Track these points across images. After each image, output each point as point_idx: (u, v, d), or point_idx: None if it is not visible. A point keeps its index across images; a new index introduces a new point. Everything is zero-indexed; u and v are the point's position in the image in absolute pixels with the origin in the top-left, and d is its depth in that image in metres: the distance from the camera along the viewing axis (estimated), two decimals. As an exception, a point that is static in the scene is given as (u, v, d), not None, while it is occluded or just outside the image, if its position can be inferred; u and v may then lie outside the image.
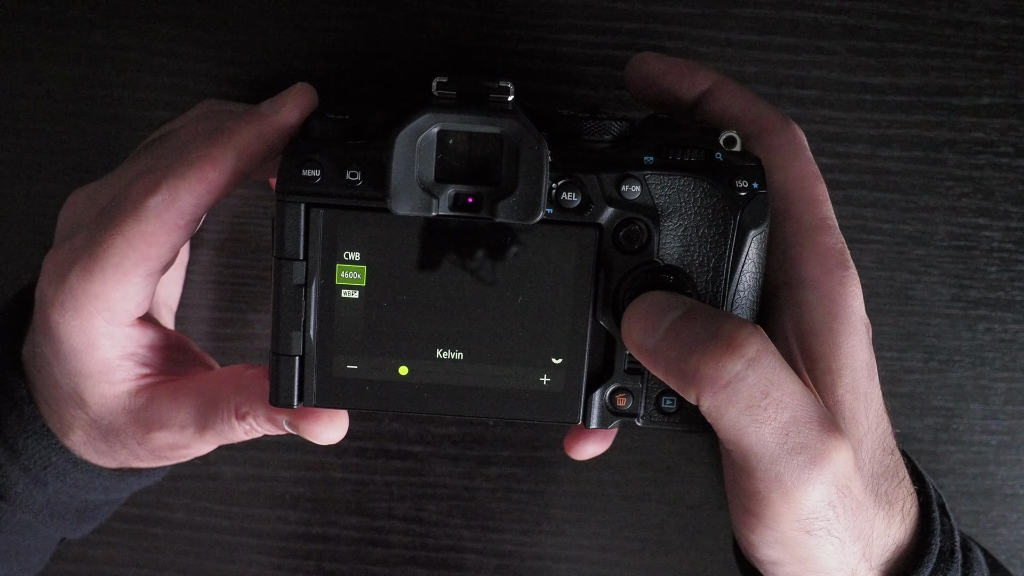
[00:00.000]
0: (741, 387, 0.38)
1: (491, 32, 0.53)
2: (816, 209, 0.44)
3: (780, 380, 0.39)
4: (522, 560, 0.58)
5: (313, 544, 0.58)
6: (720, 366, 0.38)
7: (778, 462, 0.39)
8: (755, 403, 0.39)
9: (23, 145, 0.54)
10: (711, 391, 0.39)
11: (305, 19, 0.53)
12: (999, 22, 0.53)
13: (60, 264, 0.44)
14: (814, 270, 0.43)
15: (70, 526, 0.50)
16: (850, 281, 0.43)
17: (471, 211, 0.40)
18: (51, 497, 0.48)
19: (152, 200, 0.42)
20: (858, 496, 0.41)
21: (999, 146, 0.54)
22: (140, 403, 0.46)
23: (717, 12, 0.53)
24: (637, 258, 0.42)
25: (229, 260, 0.56)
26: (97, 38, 0.53)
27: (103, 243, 0.43)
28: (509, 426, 0.57)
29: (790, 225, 0.44)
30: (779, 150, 0.44)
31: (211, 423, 0.45)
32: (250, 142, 0.42)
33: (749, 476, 0.40)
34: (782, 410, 0.39)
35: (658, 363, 0.40)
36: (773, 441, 0.39)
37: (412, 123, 0.39)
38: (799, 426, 0.39)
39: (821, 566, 0.42)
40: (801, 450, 0.39)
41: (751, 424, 0.39)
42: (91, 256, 0.43)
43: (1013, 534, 0.58)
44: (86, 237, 0.44)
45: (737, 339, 0.39)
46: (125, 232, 0.42)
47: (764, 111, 0.45)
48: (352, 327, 0.42)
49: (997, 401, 0.57)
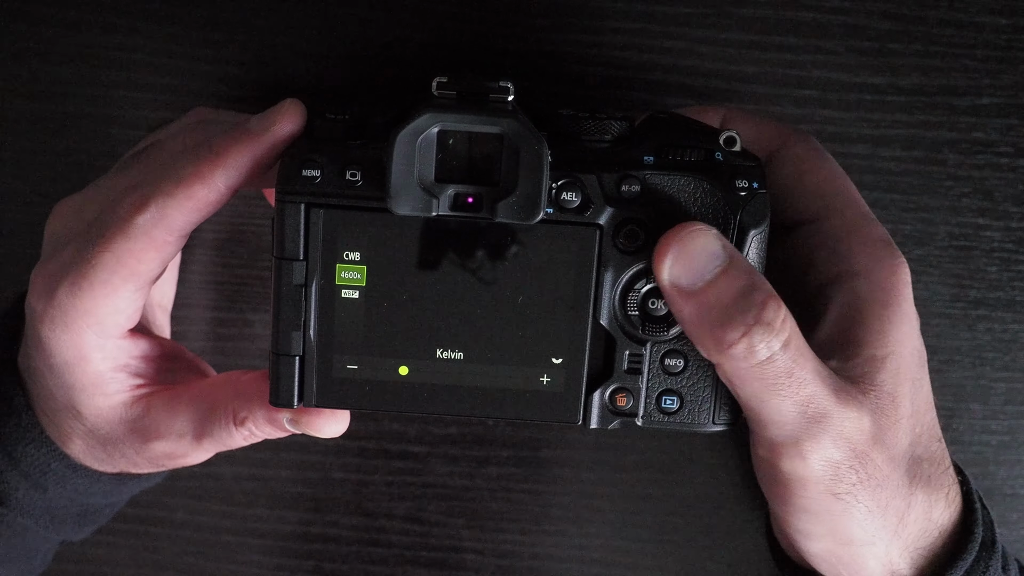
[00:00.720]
0: (769, 367, 0.40)
1: (491, 32, 0.53)
2: (855, 203, 0.46)
3: (804, 360, 0.40)
4: (522, 560, 0.58)
5: (313, 544, 0.58)
6: (754, 347, 0.40)
7: (797, 429, 0.41)
8: (779, 381, 0.40)
9: (21, 145, 0.54)
10: (739, 364, 0.40)
11: (304, 19, 0.53)
12: (999, 22, 0.53)
13: (49, 279, 0.44)
14: (865, 261, 0.44)
15: (71, 529, 0.50)
16: (901, 270, 0.44)
17: (471, 211, 0.40)
18: (51, 502, 0.48)
19: (140, 218, 0.42)
20: (883, 469, 0.42)
21: (999, 146, 0.54)
22: (136, 414, 0.46)
23: (717, 12, 0.53)
24: (637, 258, 0.42)
25: (228, 260, 0.56)
26: (95, 38, 0.53)
27: (91, 259, 0.43)
28: (509, 426, 0.57)
29: (834, 220, 0.46)
30: (804, 156, 0.47)
31: (209, 431, 0.45)
32: (239, 160, 0.42)
33: (770, 443, 0.42)
34: (804, 386, 0.40)
35: (687, 309, 0.40)
36: (792, 411, 0.41)
37: (412, 123, 0.39)
38: (817, 399, 0.41)
39: (851, 536, 0.43)
40: (819, 418, 0.41)
41: (773, 398, 0.40)
42: (79, 272, 0.43)
43: (1013, 534, 0.58)
44: (74, 252, 0.43)
45: (776, 323, 0.40)
46: (113, 248, 0.42)
47: (777, 127, 0.48)
48: (352, 327, 0.42)
49: (997, 401, 0.57)
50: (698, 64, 0.53)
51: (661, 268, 0.40)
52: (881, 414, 0.42)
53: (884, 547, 0.44)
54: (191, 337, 0.56)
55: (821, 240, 0.46)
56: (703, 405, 0.43)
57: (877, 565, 0.44)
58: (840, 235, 0.45)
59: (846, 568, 0.45)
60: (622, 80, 0.53)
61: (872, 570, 0.44)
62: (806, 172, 0.47)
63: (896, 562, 0.44)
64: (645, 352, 0.43)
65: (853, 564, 0.44)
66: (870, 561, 0.44)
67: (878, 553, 0.44)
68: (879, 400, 0.43)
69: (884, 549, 0.44)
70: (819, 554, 0.45)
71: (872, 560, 0.44)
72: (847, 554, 0.44)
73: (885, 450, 0.43)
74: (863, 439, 0.42)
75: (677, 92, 0.54)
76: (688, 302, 0.40)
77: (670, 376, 0.43)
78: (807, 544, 0.45)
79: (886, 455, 0.43)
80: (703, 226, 0.40)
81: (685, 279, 0.40)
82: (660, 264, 0.40)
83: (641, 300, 0.42)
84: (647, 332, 0.42)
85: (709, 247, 0.40)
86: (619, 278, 0.42)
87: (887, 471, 0.43)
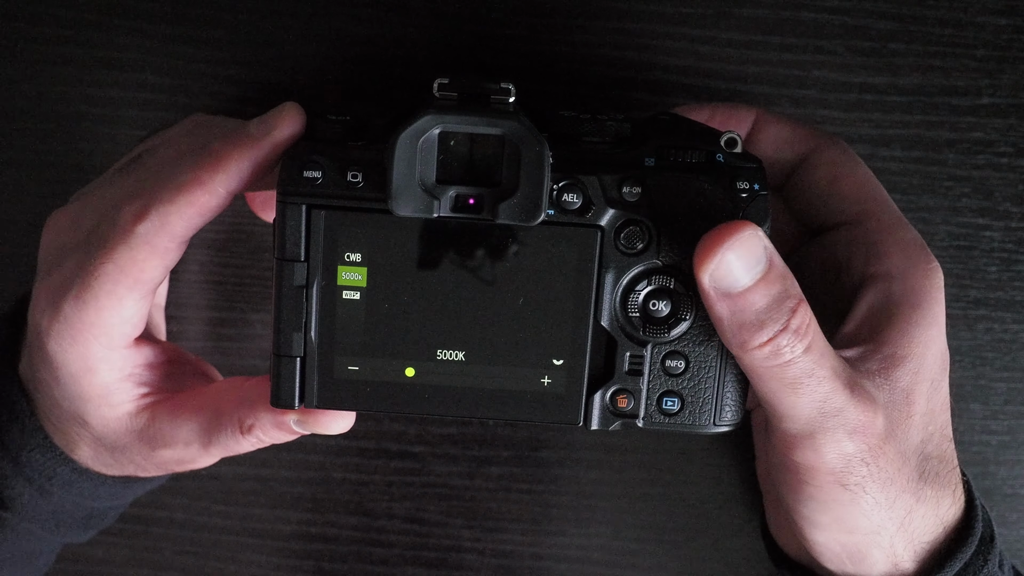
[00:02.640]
0: (789, 369, 0.40)
1: (491, 32, 0.53)
2: (889, 208, 0.47)
3: (824, 360, 0.41)
4: (522, 560, 0.58)
5: (313, 544, 0.58)
6: (779, 350, 0.40)
7: (811, 423, 0.42)
8: (798, 380, 0.41)
9: (21, 145, 0.54)
10: (760, 363, 0.41)
11: (305, 20, 0.53)
12: (999, 22, 0.53)
13: (52, 292, 0.44)
14: (900, 264, 0.45)
15: (75, 533, 0.51)
16: (934, 274, 0.45)
17: (472, 212, 0.40)
18: (56, 506, 0.48)
19: (141, 226, 0.42)
20: (895, 463, 0.43)
21: (999, 146, 0.54)
22: (142, 423, 0.46)
23: (717, 12, 0.53)
24: (638, 259, 0.42)
25: (229, 260, 0.55)
26: (95, 38, 0.53)
27: (94, 270, 0.43)
28: (509, 426, 0.57)
29: (870, 224, 0.46)
30: (838, 160, 0.48)
31: (215, 439, 0.46)
32: (240, 164, 0.42)
33: (784, 434, 0.42)
34: (821, 384, 0.41)
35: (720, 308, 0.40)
36: (808, 408, 0.41)
37: (413, 124, 0.39)
38: (833, 396, 0.41)
39: (857, 525, 0.44)
40: (834, 413, 0.41)
41: (790, 395, 0.41)
42: (83, 284, 0.43)
43: (1013, 534, 0.58)
44: (76, 264, 0.43)
45: (802, 329, 0.40)
46: (116, 259, 0.42)
47: (809, 130, 0.49)
48: (353, 328, 0.42)
49: (997, 401, 0.57)
50: (698, 64, 0.53)
51: (703, 270, 0.40)
52: (894, 409, 0.43)
53: (888, 538, 0.44)
54: (191, 337, 0.56)
55: (857, 243, 0.46)
56: (704, 407, 0.43)
57: (880, 555, 0.45)
58: (876, 238, 0.46)
59: (850, 557, 0.45)
60: (622, 80, 0.53)
61: (875, 560, 0.45)
62: (840, 176, 0.47)
63: (900, 554, 0.45)
64: (646, 353, 0.43)
65: (857, 554, 0.45)
66: (874, 551, 0.45)
67: (882, 543, 0.44)
68: (893, 396, 0.43)
69: (888, 540, 0.44)
70: (823, 543, 0.45)
71: (876, 550, 0.45)
72: (851, 543, 0.45)
73: (896, 445, 0.43)
74: (876, 434, 0.42)
75: (677, 92, 0.54)
76: (723, 302, 0.40)
77: (671, 377, 0.43)
78: (812, 533, 0.45)
79: (897, 449, 0.43)
80: (748, 229, 0.40)
81: (725, 283, 0.40)
82: (702, 266, 0.40)
83: (642, 301, 0.42)
84: (648, 333, 0.42)
85: (753, 252, 0.40)
86: (620, 279, 0.42)
87: (898, 465, 0.43)
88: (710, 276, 0.40)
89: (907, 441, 0.44)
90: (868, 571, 0.45)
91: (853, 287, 0.46)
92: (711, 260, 0.40)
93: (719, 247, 0.39)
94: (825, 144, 0.48)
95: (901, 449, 0.43)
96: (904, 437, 0.43)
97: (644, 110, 0.53)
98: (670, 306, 0.42)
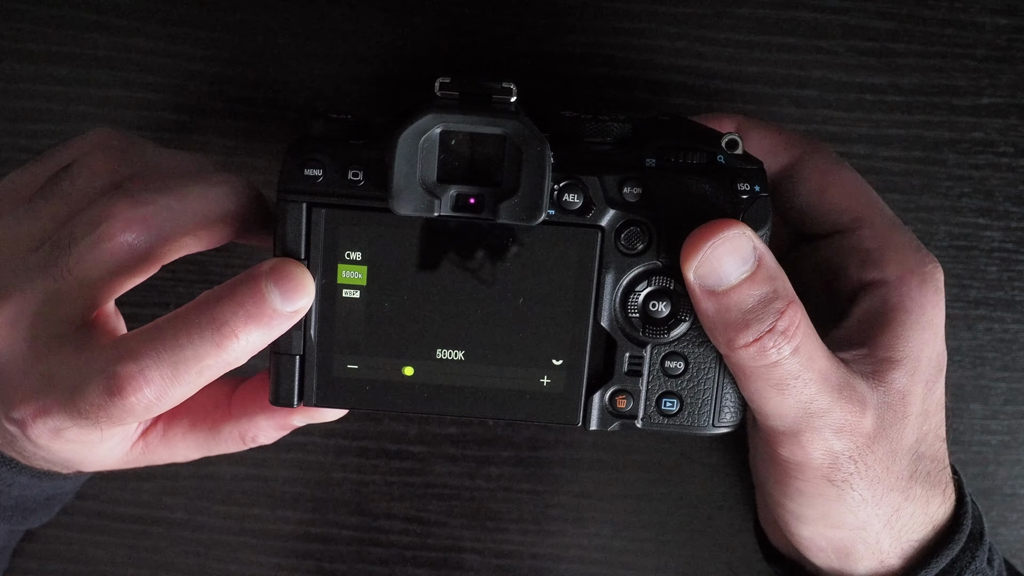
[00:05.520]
0: (776, 370, 0.40)
1: (492, 32, 0.53)
2: (882, 210, 0.47)
3: (812, 363, 0.41)
4: (522, 560, 0.58)
5: (313, 544, 0.58)
6: (765, 351, 0.40)
7: (797, 422, 0.41)
8: (784, 382, 0.40)
9: (21, 146, 0.54)
10: (746, 363, 0.40)
11: (305, 20, 0.53)
12: (999, 22, 0.53)
13: (45, 416, 0.40)
14: (897, 270, 0.45)
15: (39, 517, 0.50)
16: (932, 276, 0.45)
17: (473, 212, 0.40)
18: (17, 501, 0.48)
19: (134, 398, 0.39)
20: (883, 462, 0.43)
21: (999, 146, 0.54)
22: (136, 455, 0.46)
23: (717, 12, 0.53)
24: (638, 260, 0.42)
25: (229, 260, 0.55)
26: (95, 38, 0.53)
27: (85, 417, 0.40)
28: (509, 426, 0.57)
29: (865, 231, 0.46)
30: (826, 168, 0.47)
31: (216, 450, 0.46)
32: (258, 341, 0.40)
33: (771, 430, 0.42)
34: (807, 386, 0.41)
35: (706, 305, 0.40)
36: (793, 407, 0.41)
37: (415, 123, 0.39)
38: (819, 397, 0.41)
39: (843, 521, 0.44)
40: (820, 413, 0.41)
41: (776, 396, 0.41)
42: (79, 425, 0.40)
43: (1013, 534, 0.58)
44: (66, 402, 0.40)
45: (790, 331, 0.40)
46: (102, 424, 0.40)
47: (792, 137, 0.48)
48: (353, 327, 0.42)
49: (997, 401, 0.57)
50: (698, 64, 0.53)
51: (688, 265, 0.40)
52: (888, 409, 0.43)
53: (875, 535, 0.44)
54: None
55: (852, 250, 0.46)
56: (703, 408, 0.43)
57: (866, 551, 0.45)
58: (871, 245, 0.46)
59: (836, 553, 0.45)
60: (622, 80, 0.53)
61: (861, 555, 0.45)
62: (830, 185, 0.47)
63: (886, 550, 0.45)
64: (645, 354, 0.43)
65: (843, 549, 0.45)
66: (859, 546, 0.45)
67: (868, 540, 0.45)
68: (888, 397, 0.43)
69: (875, 537, 0.45)
70: (809, 537, 0.45)
71: (861, 545, 0.45)
72: (837, 538, 0.45)
73: (887, 444, 0.43)
74: (863, 433, 0.42)
75: (677, 92, 0.54)
76: (709, 300, 0.40)
77: (670, 378, 0.43)
78: (798, 527, 0.45)
79: (887, 449, 0.43)
80: (736, 228, 0.40)
81: (710, 279, 0.40)
82: (687, 261, 0.40)
83: (642, 302, 0.42)
84: (647, 334, 0.42)
85: (739, 250, 0.40)
86: (620, 280, 0.42)
87: (887, 464, 0.43)
88: (694, 272, 0.40)
89: (900, 441, 0.44)
90: (854, 566, 0.46)
91: (848, 293, 0.46)
92: (695, 256, 0.40)
93: (704, 243, 0.40)
94: (811, 151, 0.48)
95: (892, 448, 0.43)
96: (898, 437, 0.43)
97: (644, 110, 0.53)
98: (670, 307, 0.42)
